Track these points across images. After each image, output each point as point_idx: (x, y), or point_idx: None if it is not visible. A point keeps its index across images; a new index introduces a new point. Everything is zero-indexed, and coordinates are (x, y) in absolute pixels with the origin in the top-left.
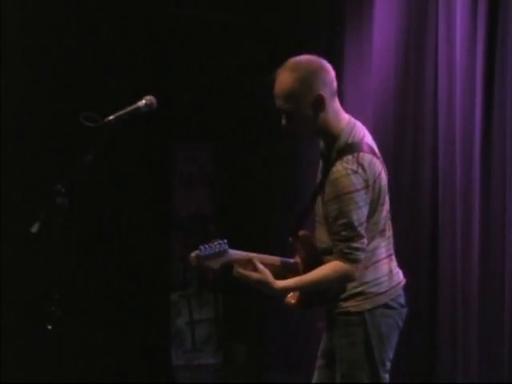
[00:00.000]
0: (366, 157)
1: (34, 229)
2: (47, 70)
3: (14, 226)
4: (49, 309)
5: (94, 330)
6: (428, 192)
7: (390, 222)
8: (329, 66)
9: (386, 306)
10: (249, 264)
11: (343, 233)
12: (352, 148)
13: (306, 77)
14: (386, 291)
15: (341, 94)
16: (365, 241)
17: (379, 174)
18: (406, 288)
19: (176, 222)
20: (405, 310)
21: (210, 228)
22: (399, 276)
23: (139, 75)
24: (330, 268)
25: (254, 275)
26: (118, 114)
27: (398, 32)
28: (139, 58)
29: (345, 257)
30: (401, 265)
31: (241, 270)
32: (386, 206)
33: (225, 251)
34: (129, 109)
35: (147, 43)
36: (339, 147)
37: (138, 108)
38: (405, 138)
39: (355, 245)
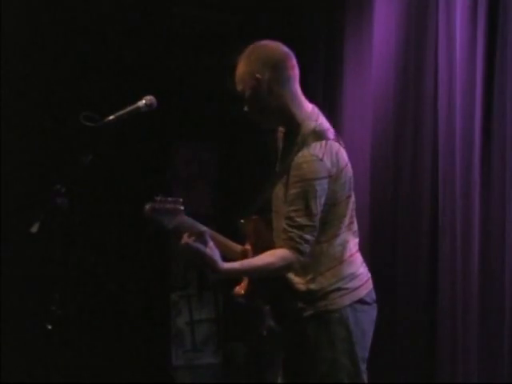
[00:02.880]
0: (334, 145)
1: (34, 229)
2: (47, 69)
3: (14, 226)
4: (49, 309)
5: (93, 330)
6: (428, 192)
7: (355, 219)
8: (288, 52)
9: (363, 301)
10: (200, 237)
11: (298, 219)
12: (319, 135)
13: (259, 59)
14: (363, 284)
15: (341, 94)
16: (315, 234)
17: (346, 165)
18: (407, 287)
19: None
20: (376, 306)
21: (211, 228)
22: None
23: (139, 75)
24: (277, 256)
25: (202, 250)
26: (117, 114)
27: (398, 32)
28: (139, 57)
29: (295, 246)
30: (401, 265)
31: (190, 241)
32: (353, 199)
33: (180, 211)
34: (129, 109)
35: (147, 43)
36: (305, 133)
37: (138, 108)
38: (405, 138)
39: (307, 236)
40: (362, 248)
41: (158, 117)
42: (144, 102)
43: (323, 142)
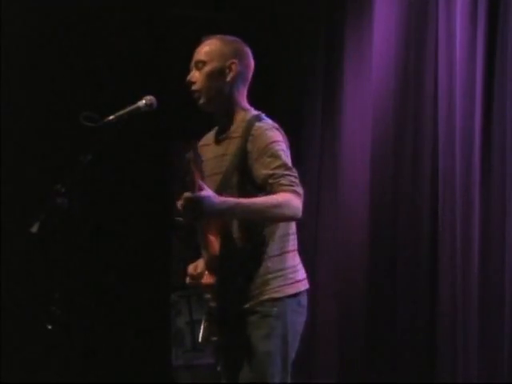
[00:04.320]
0: (282, 131)
1: (34, 229)
2: (47, 69)
3: (14, 226)
4: (49, 309)
5: (93, 330)
6: (428, 192)
7: None
8: (251, 56)
9: (299, 303)
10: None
11: (280, 171)
12: (266, 119)
13: (231, 43)
14: (303, 279)
15: (341, 94)
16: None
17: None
18: (407, 287)
19: (176, 222)
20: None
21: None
22: None
23: (139, 75)
24: (278, 196)
25: (199, 194)
26: (117, 114)
27: (398, 32)
28: (139, 57)
29: (288, 188)
30: (401, 264)
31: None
32: None
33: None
34: (129, 109)
35: (147, 43)
36: (252, 116)
37: (138, 108)
38: (405, 138)
39: (294, 179)
40: (362, 248)
41: (157, 117)
42: (144, 102)
43: (271, 123)
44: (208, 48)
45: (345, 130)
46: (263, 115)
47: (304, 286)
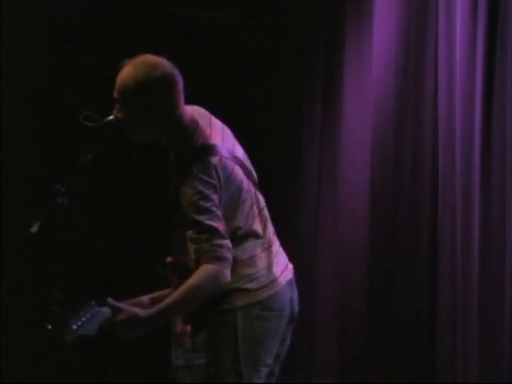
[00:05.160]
0: (214, 160)
1: (34, 229)
2: (47, 69)
3: (14, 226)
4: (49, 309)
5: None
6: (428, 192)
7: (264, 217)
8: (171, 66)
9: (264, 307)
10: (120, 313)
11: (201, 236)
12: (199, 153)
13: (144, 72)
14: (264, 286)
15: (341, 94)
16: (227, 242)
17: (231, 172)
18: (406, 287)
19: (176, 222)
20: (287, 313)
21: None
22: (281, 270)
23: None
24: (198, 274)
25: (120, 317)
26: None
27: (398, 32)
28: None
29: (209, 255)
30: (401, 264)
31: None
32: (248, 203)
33: (97, 313)
34: None
35: (147, 43)
36: (187, 153)
37: None
38: (405, 138)
39: (217, 242)
40: (362, 247)
41: None
42: None
43: (202, 160)
44: (122, 80)
45: (345, 130)
46: (200, 142)
47: (267, 291)
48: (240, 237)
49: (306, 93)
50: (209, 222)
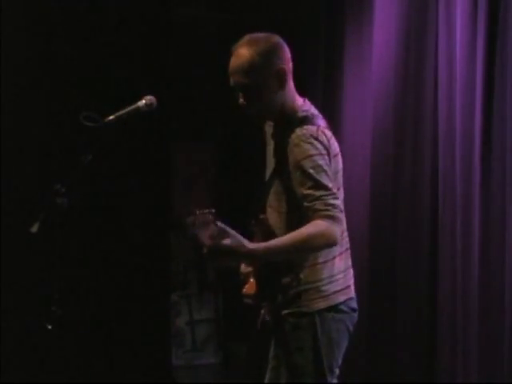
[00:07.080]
0: (327, 131)
1: (34, 229)
2: (47, 69)
3: (14, 226)
4: (49, 309)
5: (93, 330)
6: (428, 192)
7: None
8: (284, 44)
9: (338, 310)
10: (221, 234)
11: (315, 193)
12: (312, 120)
13: (266, 49)
14: (342, 289)
15: (341, 94)
16: (340, 203)
17: (336, 155)
18: (406, 287)
19: (176, 222)
20: (356, 315)
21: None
22: (352, 275)
23: (139, 75)
24: (308, 227)
25: (227, 241)
26: (117, 114)
27: (398, 33)
28: (139, 57)
29: (322, 213)
30: (401, 264)
31: (215, 242)
32: (342, 192)
33: (211, 221)
34: (129, 109)
35: (147, 43)
36: (297, 118)
37: (138, 108)
38: (405, 138)
39: (331, 201)
40: (362, 247)
41: (157, 117)
42: (144, 102)
43: (315, 126)
44: (239, 65)
45: (345, 130)
46: (310, 115)
47: (343, 296)
48: None
49: (306, 92)
50: (324, 181)
